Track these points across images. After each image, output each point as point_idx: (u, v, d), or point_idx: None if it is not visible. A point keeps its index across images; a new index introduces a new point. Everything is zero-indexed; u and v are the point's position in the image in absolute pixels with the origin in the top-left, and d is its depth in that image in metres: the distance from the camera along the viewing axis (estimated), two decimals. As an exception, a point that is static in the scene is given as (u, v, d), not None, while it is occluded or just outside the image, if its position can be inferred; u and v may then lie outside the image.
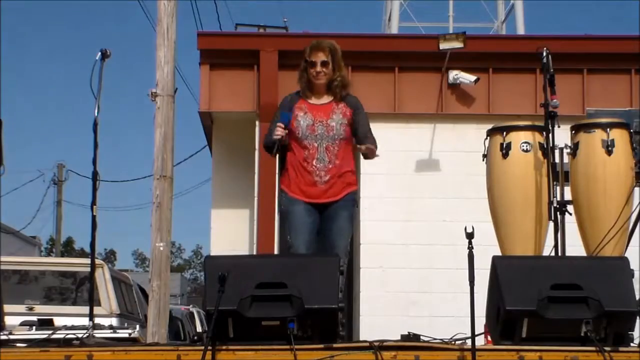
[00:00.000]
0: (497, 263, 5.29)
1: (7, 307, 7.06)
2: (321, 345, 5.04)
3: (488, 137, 6.73)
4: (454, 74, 10.56)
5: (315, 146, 6.07)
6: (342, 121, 6.13)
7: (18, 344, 5.66)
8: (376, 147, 6.18)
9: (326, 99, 6.20)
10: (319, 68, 6.13)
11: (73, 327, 6.23)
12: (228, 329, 5.06)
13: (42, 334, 5.99)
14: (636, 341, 5.33)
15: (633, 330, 5.22)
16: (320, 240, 6.12)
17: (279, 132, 6.01)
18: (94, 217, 6.28)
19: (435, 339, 5.26)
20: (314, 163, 6.07)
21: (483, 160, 6.75)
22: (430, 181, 10.55)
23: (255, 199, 10.52)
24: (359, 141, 6.14)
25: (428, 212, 10.44)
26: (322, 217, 6.11)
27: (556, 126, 6.37)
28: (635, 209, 6.55)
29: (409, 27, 24.11)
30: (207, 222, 11.42)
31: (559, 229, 6.26)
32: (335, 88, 6.18)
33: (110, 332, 6.65)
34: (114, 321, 9.53)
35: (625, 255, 6.16)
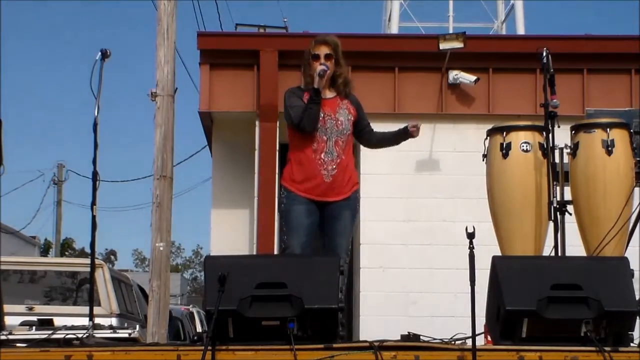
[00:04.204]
0: (497, 263, 5.29)
1: (7, 307, 7.05)
2: (321, 345, 5.04)
3: (488, 137, 6.73)
4: (454, 74, 10.55)
5: (325, 139, 6.04)
6: (348, 117, 6.15)
7: (18, 344, 5.65)
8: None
9: (330, 94, 6.19)
10: (322, 60, 6.10)
11: (73, 327, 6.22)
12: (228, 329, 5.06)
13: (42, 334, 5.98)
14: (636, 341, 5.33)
15: (633, 330, 5.21)
16: (323, 239, 6.11)
17: (323, 67, 6.00)
18: (94, 217, 6.29)
19: (435, 339, 5.26)
20: (322, 156, 6.03)
21: (483, 160, 6.75)
22: (430, 181, 10.54)
23: (255, 199, 10.51)
24: (361, 133, 6.25)
25: (428, 212, 10.43)
26: (324, 215, 6.07)
27: (556, 126, 6.37)
28: (635, 209, 6.55)
29: (409, 27, 24.06)
30: (207, 222, 11.43)
31: (559, 229, 6.26)
32: (339, 85, 6.18)
33: (110, 332, 6.64)
34: (114, 321, 9.54)
35: (625, 255, 6.16)
